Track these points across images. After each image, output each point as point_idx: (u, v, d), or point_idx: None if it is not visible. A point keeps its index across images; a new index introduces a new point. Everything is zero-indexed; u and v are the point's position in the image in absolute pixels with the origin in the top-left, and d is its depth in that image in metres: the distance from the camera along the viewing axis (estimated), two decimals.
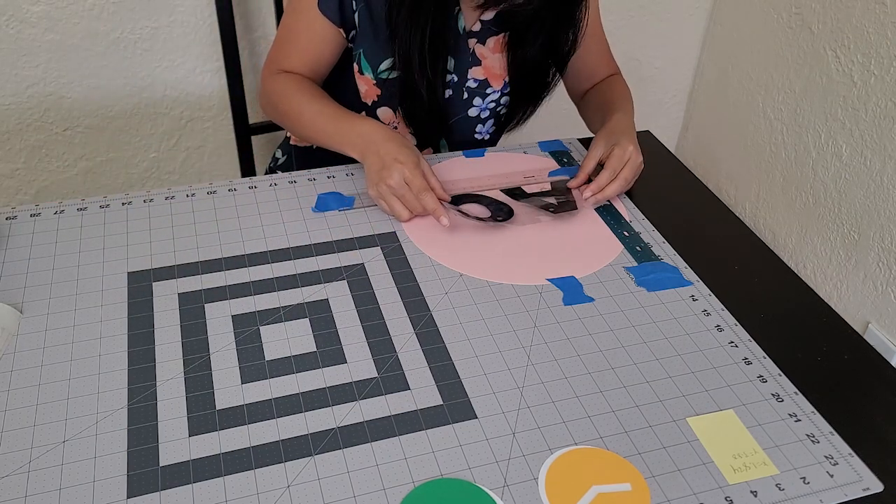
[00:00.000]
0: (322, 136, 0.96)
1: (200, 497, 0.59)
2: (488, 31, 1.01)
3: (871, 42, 1.43)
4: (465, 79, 1.02)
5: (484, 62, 1.02)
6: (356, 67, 1.02)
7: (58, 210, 0.88)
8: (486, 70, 1.02)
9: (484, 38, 1.01)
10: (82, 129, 1.47)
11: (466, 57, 1.01)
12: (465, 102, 1.05)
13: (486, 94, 1.04)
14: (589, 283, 0.82)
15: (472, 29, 1.00)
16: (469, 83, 1.03)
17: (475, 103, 1.05)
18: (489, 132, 1.12)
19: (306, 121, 0.97)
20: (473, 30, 1.00)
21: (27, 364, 0.69)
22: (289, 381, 0.69)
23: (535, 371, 0.71)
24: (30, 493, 0.59)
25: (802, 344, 0.77)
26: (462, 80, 1.02)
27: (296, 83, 0.99)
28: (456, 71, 1.02)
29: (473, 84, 1.03)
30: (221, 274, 0.80)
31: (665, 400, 0.69)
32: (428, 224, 0.89)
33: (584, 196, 0.92)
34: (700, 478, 0.62)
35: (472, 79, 1.03)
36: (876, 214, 1.47)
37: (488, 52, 1.02)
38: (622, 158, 0.93)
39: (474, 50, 1.01)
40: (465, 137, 1.10)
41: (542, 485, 0.61)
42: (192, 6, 1.40)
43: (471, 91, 1.04)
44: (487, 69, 1.02)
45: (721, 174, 1.93)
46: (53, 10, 1.33)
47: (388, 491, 0.60)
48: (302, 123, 0.98)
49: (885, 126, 1.42)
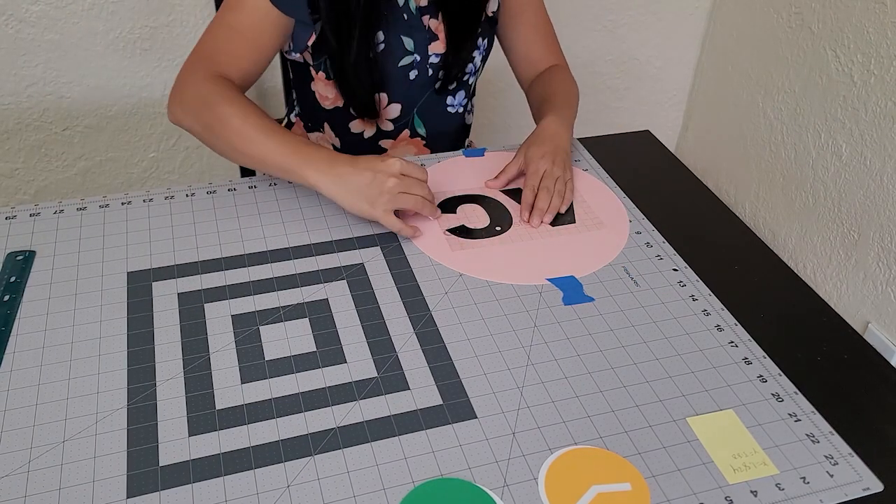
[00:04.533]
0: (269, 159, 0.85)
1: (200, 497, 0.59)
2: (436, 2, 1.01)
3: (871, 42, 1.43)
4: (426, 55, 1.02)
5: (441, 36, 1.02)
6: (321, 75, 1.02)
7: (57, 210, 0.88)
8: (443, 43, 1.02)
9: (435, 11, 1.01)
10: (82, 129, 1.47)
11: (424, 34, 1.01)
12: (432, 79, 1.05)
13: None
14: (589, 283, 0.82)
15: (421, 5, 1.00)
16: (431, 59, 1.03)
17: (440, 76, 1.05)
18: (462, 104, 1.12)
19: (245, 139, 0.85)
20: (422, 5, 1.00)
21: (27, 364, 0.69)
22: (289, 381, 0.69)
23: (534, 371, 0.71)
24: (30, 493, 0.58)
25: (802, 344, 0.77)
26: (424, 58, 1.02)
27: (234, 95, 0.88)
28: (417, 51, 1.02)
29: (436, 59, 1.03)
30: (221, 274, 0.80)
31: (665, 400, 0.69)
32: (428, 224, 0.89)
33: (533, 225, 0.90)
34: (700, 478, 0.62)
35: (433, 54, 1.03)
36: (876, 214, 1.47)
37: (443, 24, 1.02)
38: (538, 174, 0.93)
39: (429, 26, 1.02)
40: (439, 113, 1.10)
41: (541, 484, 0.61)
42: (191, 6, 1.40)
43: (434, 66, 1.04)
44: (445, 41, 1.03)
45: (721, 174, 1.93)
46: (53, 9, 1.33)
47: (388, 491, 0.60)
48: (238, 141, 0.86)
49: (885, 126, 1.42)
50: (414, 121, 1.09)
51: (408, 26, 1.00)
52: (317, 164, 0.83)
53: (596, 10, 1.74)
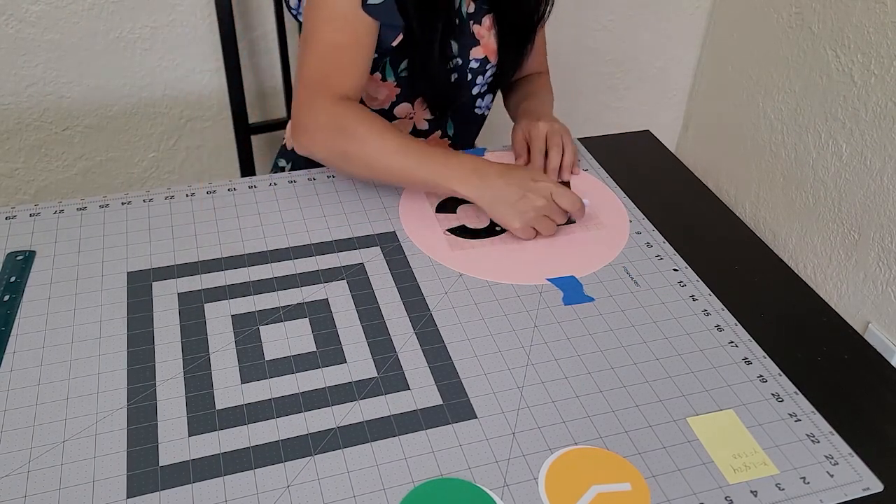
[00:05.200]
0: (412, 177, 0.88)
1: (200, 497, 0.59)
2: (481, 10, 1.04)
3: (871, 42, 1.43)
4: (467, 60, 1.04)
5: (482, 41, 1.04)
6: (376, 76, 1.03)
7: (57, 210, 0.88)
8: (484, 48, 1.05)
9: (479, 17, 1.04)
10: (82, 129, 1.47)
11: (468, 39, 1.03)
12: (470, 83, 1.08)
13: (486, 70, 1.07)
14: (589, 282, 0.82)
15: (470, 10, 1.03)
16: (471, 64, 1.05)
17: (477, 81, 1.08)
18: (488, 106, 1.16)
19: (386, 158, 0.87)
20: (470, 11, 1.03)
21: (27, 364, 0.69)
22: (288, 381, 0.69)
23: (535, 371, 0.71)
24: (30, 493, 0.58)
25: (802, 344, 0.77)
26: (465, 62, 1.05)
27: (365, 114, 0.89)
28: (460, 54, 1.04)
29: (475, 64, 1.05)
30: (221, 274, 0.80)
31: (665, 400, 0.69)
32: (428, 223, 0.89)
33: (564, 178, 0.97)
34: (700, 478, 0.62)
35: (473, 59, 1.05)
36: (876, 214, 1.47)
37: (484, 30, 1.04)
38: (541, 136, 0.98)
39: (473, 31, 1.04)
40: (468, 115, 1.14)
41: (541, 484, 0.61)
42: (191, 6, 1.40)
43: (473, 71, 1.06)
44: (486, 47, 1.05)
45: (721, 174, 1.93)
46: (53, 9, 1.33)
47: (388, 491, 0.60)
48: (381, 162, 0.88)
49: (885, 126, 1.42)
50: (447, 122, 1.12)
51: (457, 31, 1.02)
52: (465, 177, 0.86)
53: (596, 10, 1.74)
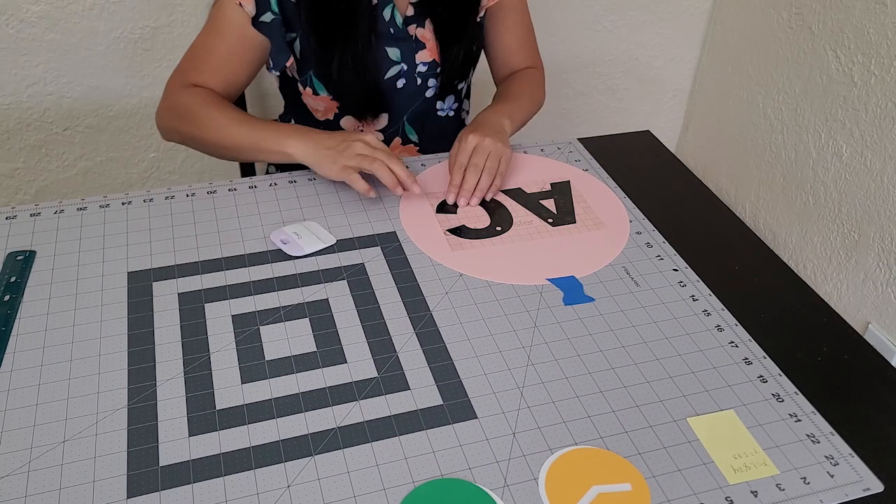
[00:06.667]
0: (246, 143, 0.91)
1: (200, 497, 0.59)
2: (423, 12, 1.03)
3: (871, 42, 1.43)
4: (413, 64, 1.04)
5: (428, 44, 1.04)
6: (308, 91, 1.04)
7: (58, 210, 0.88)
8: (430, 51, 1.04)
9: (422, 21, 1.03)
10: (82, 129, 1.47)
11: (410, 44, 1.03)
12: (421, 87, 1.07)
13: (437, 72, 1.06)
14: (589, 283, 0.82)
15: (408, 14, 1.02)
16: (419, 68, 1.05)
17: (430, 84, 1.07)
18: (452, 108, 1.14)
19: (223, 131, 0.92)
20: (408, 15, 1.02)
21: (27, 364, 0.69)
22: (289, 381, 0.69)
23: (535, 371, 0.71)
24: (30, 493, 0.58)
25: (802, 344, 0.77)
26: (412, 67, 1.04)
27: (209, 96, 0.95)
28: (404, 60, 1.03)
29: (423, 68, 1.05)
30: (221, 274, 0.80)
31: (665, 400, 0.69)
32: (428, 224, 0.89)
33: (461, 204, 0.92)
34: (700, 478, 0.62)
35: (420, 63, 1.04)
36: (876, 214, 1.47)
37: (429, 33, 1.04)
38: (467, 151, 0.93)
39: (415, 35, 1.03)
40: (430, 119, 1.12)
41: (542, 485, 0.61)
42: (192, 6, 1.40)
43: (422, 75, 1.05)
44: (432, 50, 1.04)
45: (721, 174, 1.93)
46: (53, 9, 1.33)
47: (388, 491, 0.60)
48: (217, 135, 0.92)
49: (885, 126, 1.42)
50: (405, 128, 1.11)
51: (393, 38, 1.02)
52: (293, 135, 0.90)
53: (596, 10, 1.74)
